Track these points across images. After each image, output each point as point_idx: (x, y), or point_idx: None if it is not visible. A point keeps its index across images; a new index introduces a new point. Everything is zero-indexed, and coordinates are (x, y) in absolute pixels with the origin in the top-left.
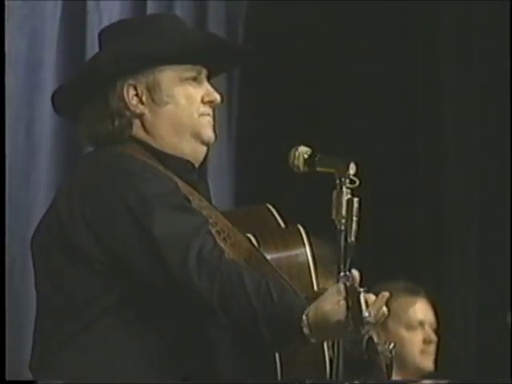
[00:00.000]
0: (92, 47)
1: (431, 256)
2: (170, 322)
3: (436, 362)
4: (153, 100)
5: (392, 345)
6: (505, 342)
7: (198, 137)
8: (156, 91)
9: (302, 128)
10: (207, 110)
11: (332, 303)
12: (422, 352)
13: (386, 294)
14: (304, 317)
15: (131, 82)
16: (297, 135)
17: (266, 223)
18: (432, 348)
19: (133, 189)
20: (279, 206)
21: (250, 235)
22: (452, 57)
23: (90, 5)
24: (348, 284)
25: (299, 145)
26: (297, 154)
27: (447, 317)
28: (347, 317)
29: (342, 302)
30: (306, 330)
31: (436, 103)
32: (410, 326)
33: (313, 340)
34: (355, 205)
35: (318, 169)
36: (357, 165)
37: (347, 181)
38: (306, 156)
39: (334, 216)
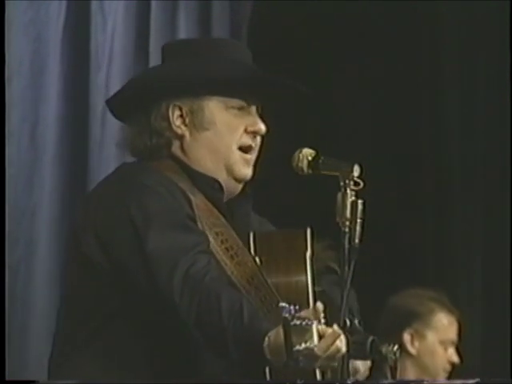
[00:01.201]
0: (96, 51)
1: (434, 257)
2: (163, 332)
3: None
4: (194, 124)
5: (396, 347)
6: (506, 343)
7: (230, 172)
8: (198, 115)
9: (306, 130)
10: (249, 140)
11: None
12: (444, 370)
13: (339, 332)
14: (266, 339)
15: (177, 102)
16: (301, 137)
17: (284, 245)
18: (450, 369)
19: (138, 201)
20: (283, 208)
21: (256, 257)
22: (453, 57)
23: (94, 8)
24: (284, 315)
25: (303, 147)
26: (301, 156)
27: None
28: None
29: None
30: (266, 353)
31: (439, 110)
32: (444, 343)
33: (275, 364)
34: (359, 207)
35: (322, 171)
36: (361, 167)
37: (351, 183)
38: (310, 158)
39: (338, 218)
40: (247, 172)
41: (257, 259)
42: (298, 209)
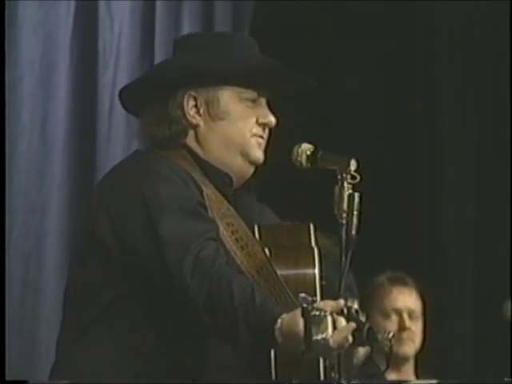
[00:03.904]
0: (103, 50)
1: (429, 250)
2: (169, 318)
3: (422, 349)
4: (209, 114)
5: (391, 334)
6: (502, 340)
7: (246, 156)
8: (214, 106)
9: (306, 126)
10: (260, 131)
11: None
12: (397, 339)
13: (353, 326)
14: (279, 321)
15: (192, 93)
16: (300, 133)
17: (288, 239)
18: (408, 335)
19: (153, 187)
20: (283, 201)
21: (265, 248)
22: (451, 57)
23: (102, 10)
24: (304, 305)
25: (302, 142)
26: (300, 151)
27: (444, 314)
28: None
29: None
30: (277, 336)
31: (435, 104)
32: (385, 315)
33: (285, 348)
34: (356, 199)
35: (321, 165)
36: (357, 161)
37: (348, 176)
38: (308, 153)
39: (335, 210)
40: (260, 155)
41: (266, 251)
42: (297, 201)
